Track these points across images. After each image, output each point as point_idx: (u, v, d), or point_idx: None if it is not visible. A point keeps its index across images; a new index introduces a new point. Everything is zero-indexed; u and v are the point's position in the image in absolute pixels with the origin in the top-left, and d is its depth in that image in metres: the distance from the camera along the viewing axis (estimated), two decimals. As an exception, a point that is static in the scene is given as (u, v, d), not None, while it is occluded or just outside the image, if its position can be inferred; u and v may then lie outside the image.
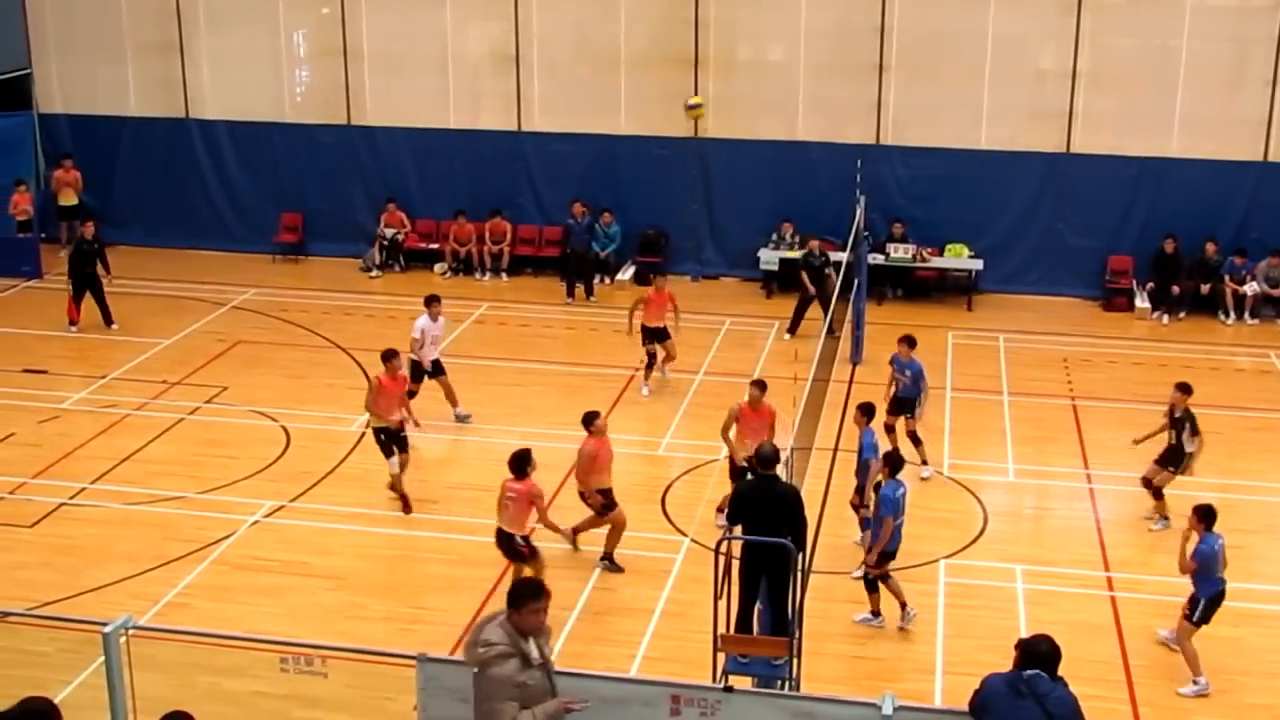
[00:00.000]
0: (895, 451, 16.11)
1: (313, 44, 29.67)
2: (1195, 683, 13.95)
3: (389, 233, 28.29)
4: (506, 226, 28.24)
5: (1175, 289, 25.86)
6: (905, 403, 18.79)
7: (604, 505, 16.09)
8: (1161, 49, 26.28)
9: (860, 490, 16.46)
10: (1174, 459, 17.40)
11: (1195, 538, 14.11)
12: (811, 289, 24.31)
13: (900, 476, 15.08)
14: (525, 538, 15.10)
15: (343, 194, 29.03)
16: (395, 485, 17.69)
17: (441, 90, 28.65)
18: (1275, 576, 16.46)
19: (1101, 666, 14.22)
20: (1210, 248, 25.87)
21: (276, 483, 18.39)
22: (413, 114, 28.71)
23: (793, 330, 24.38)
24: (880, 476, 15.25)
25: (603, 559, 16.24)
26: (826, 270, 24.42)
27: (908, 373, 18.77)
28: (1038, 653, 9.17)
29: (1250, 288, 25.85)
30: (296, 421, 20.36)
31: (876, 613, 15.11)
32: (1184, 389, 17.65)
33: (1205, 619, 13.98)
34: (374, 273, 28.23)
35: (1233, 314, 25.87)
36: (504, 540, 15.14)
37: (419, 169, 28.91)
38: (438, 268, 28.45)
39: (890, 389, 19.01)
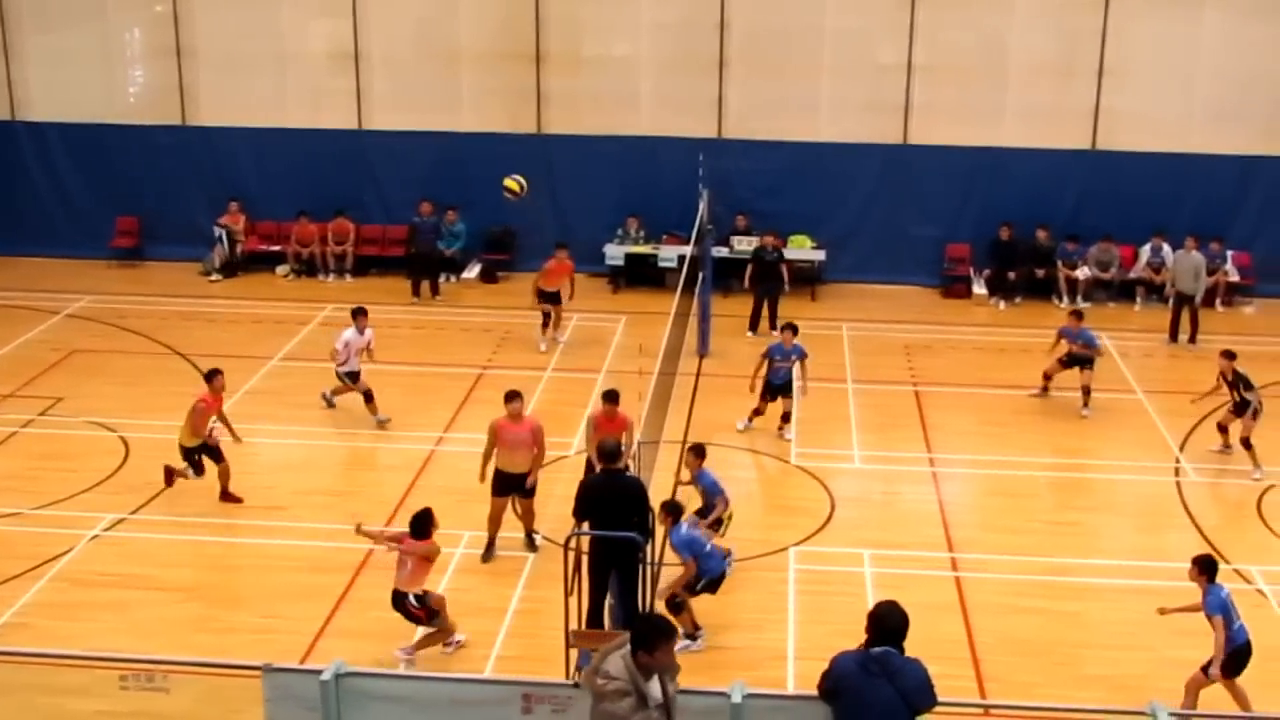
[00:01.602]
0: (672, 501, 15.11)
1: (146, 42, 29.05)
2: None
3: (220, 233, 27.74)
4: (350, 226, 27.95)
5: (1011, 275, 26.51)
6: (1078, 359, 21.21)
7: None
8: (993, 42, 26.91)
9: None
10: (1245, 407, 18.99)
11: (1199, 592, 13.36)
12: (750, 284, 24.88)
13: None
14: (419, 597, 14.24)
15: (181, 196, 28.45)
16: (178, 473, 17.57)
17: (280, 88, 28.25)
18: (1112, 552, 16.99)
19: (949, 645, 14.51)
20: (1043, 234, 26.57)
21: (117, 495, 17.94)
22: (251, 113, 28.24)
23: (753, 328, 24.66)
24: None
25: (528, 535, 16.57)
26: (779, 265, 24.84)
27: (1079, 340, 21.22)
28: (888, 628, 9.10)
29: (1082, 272, 26.60)
30: (137, 431, 19.89)
31: (691, 635, 14.54)
32: (1229, 355, 19.28)
33: (1229, 673, 13.19)
34: (214, 276, 27.73)
35: (1066, 298, 26.58)
36: (397, 600, 14.38)
37: (259, 169, 28.47)
38: (280, 270, 28.05)
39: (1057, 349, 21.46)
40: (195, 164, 28.46)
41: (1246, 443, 18.76)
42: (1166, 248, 26.05)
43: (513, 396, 16.37)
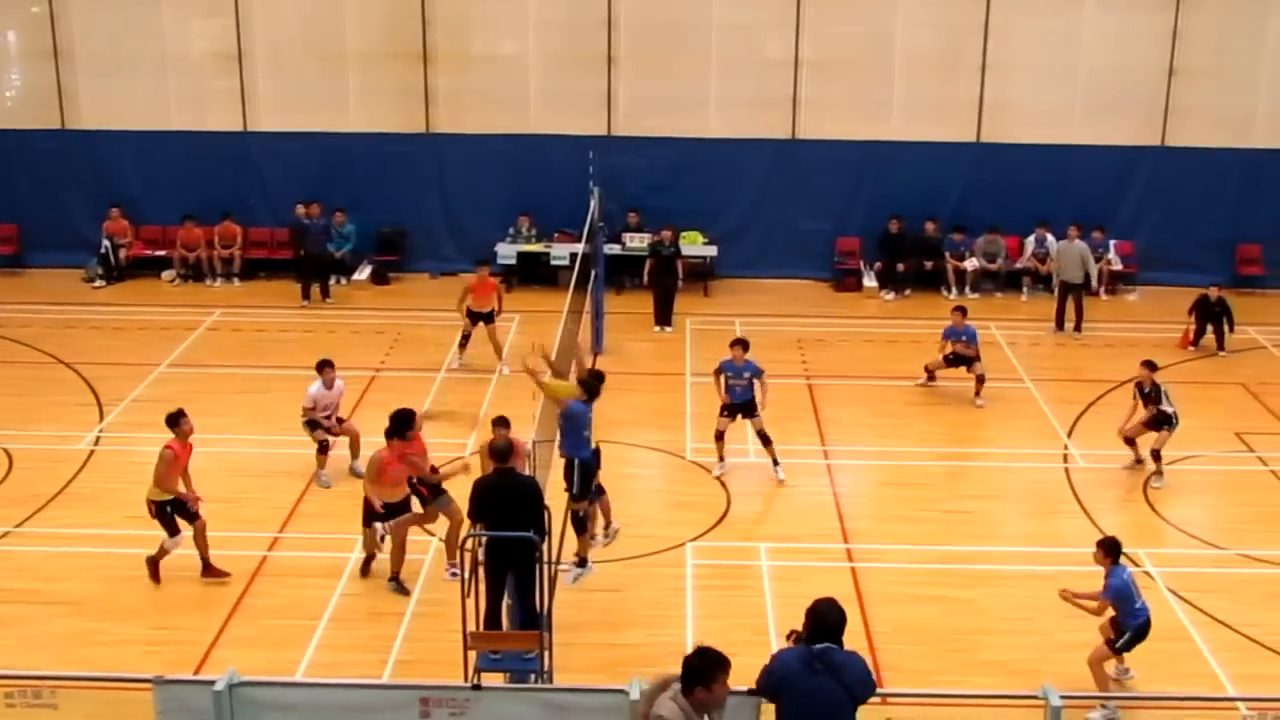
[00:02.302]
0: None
1: (22, 45, 28.48)
2: (1104, 707, 13.38)
3: (108, 244, 27.27)
4: (237, 230, 27.57)
5: (900, 267, 26.80)
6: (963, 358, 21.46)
7: (383, 514, 15.60)
8: (879, 36, 27.20)
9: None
10: (1163, 421, 18.41)
11: (1102, 573, 13.62)
12: (649, 279, 25.02)
13: None
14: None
15: (61, 202, 27.87)
16: (158, 556, 15.73)
17: (162, 91, 27.79)
18: (1004, 539, 17.24)
19: (846, 635, 14.54)
20: (931, 226, 26.90)
21: (1, 508, 17.55)
22: (133, 116, 27.74)
23: (660, 322, 24.82)
24: None
25: (392, 578, 15.58)
26: (675, 260, 24.95)
27: (963, 338, 21.34)
28: (827, 624, 9.17)
29: (970, 263, 26.98)
30: (20, 442, 19.45)
31: (584, 560, 15.54)
32: (1150, 366, 18.67)
33: (1128, 647, 13.56)
34: (98, 283, 27.21)
35: (955, 289, 26.93)
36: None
37: (142, 173, 27.98)
38: (166, 275, 27.61)
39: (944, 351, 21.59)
40: (76, 169, 27.90)
41: (1157, 455, 18.40)
42: (1051, 238, 26.49)
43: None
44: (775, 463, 18.59)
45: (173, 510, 15.57)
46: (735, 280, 27.53)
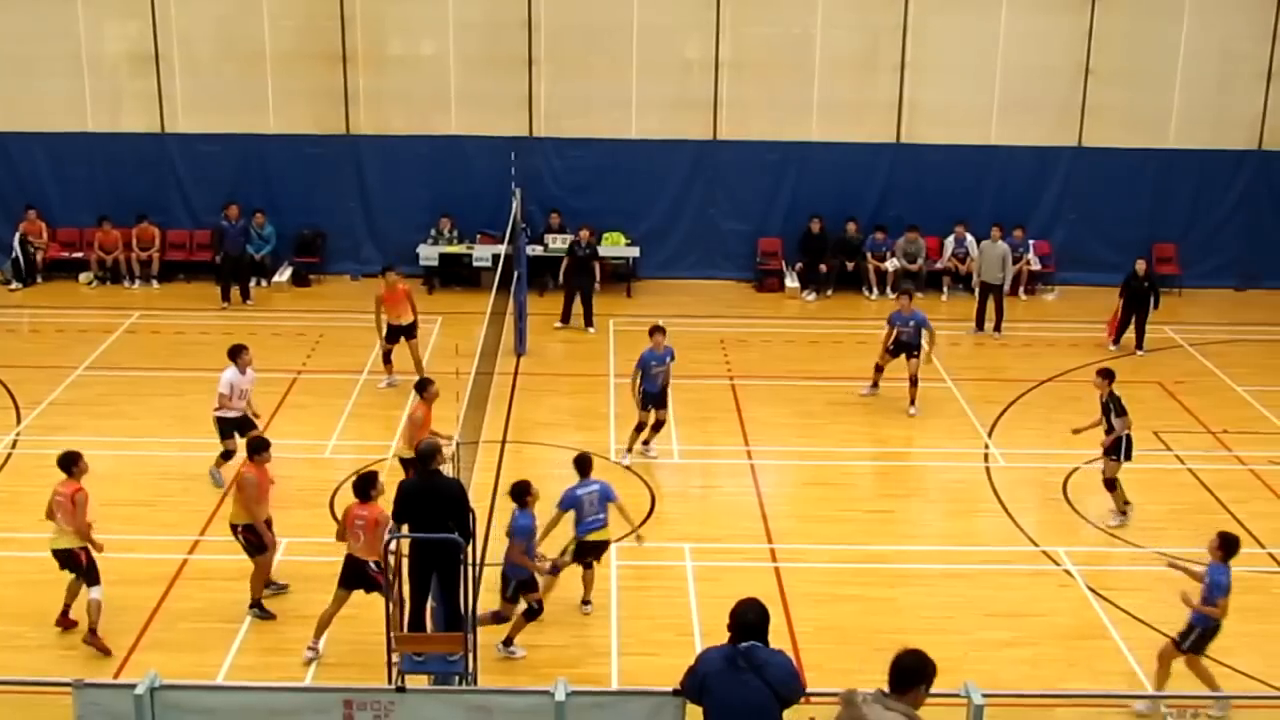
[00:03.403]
0: (583, 455, 15.55)
1: (-68, 45, 27.98)
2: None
3: (16, 241, 26.85)
4: (155, 231, 27.26)
5: (822, 267, 26.96)
6: (908, 346, 20.97)
7: (260, 544, 15.07)
8: (798, 37, 27.35)
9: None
10: (1115, 448, 17.27)
11: (1206, 566, 13.41)
12: (564, 278, 25.03)
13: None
14: (378, 563, 13.67)
15: (-26, 205, 27.47)
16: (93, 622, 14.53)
17: (77, 92, 27.42)
18: (924, 538, 17.40)
19: (771, 636, 14.66)
20: (851, 226, 27.10)
21: (-84, 512, 17.29)
22: (47, 118, 27.37)
23: (565, 320, 24.84)
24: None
25: (253, 605, 15.05)
26: (592, 261, 24.96)
27: (911, 323, 20.83)
28: (746, 623, 9.14)
29: (891, 263, 27.20)
30: (-65, 446, 19.19)
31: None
32: (1105, 375, 17.53)
33: (1197, 649, 13.38)
34: (14, 286, 26.81)
35: (876, 289, 27.14)
36: (355, 568, 14.05)
37: (57, 176, 27.61)
38: (83, 277, 27.25)
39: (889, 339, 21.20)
40: (-10, 170, 27.50)
41: (1110, 483, 17.47)
42: (970, 238, 26.76)
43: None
44: (656, 430, 19.26)
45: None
46: (657, 281, 27.60)
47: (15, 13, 27.07)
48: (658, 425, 19.31)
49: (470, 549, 11.96)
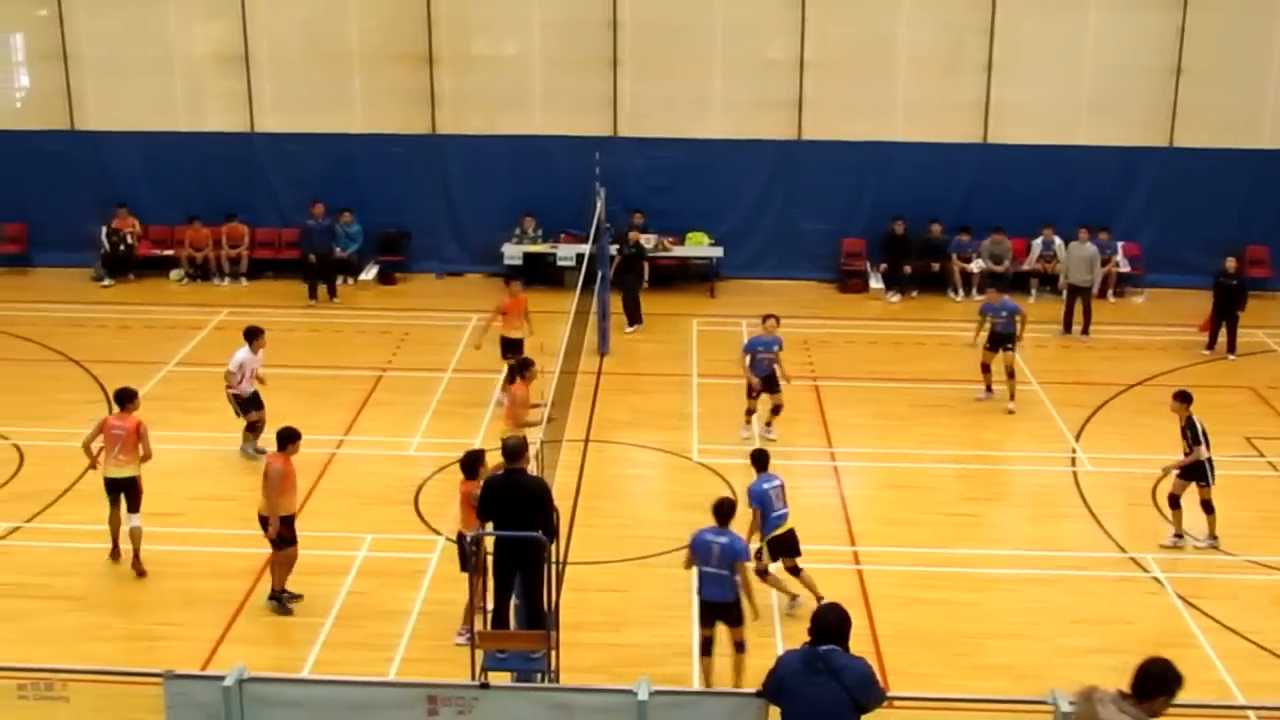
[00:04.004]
0: (759, 450, 15.64)
1: (30, 47, 28.54)
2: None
3: (114, 239, 27.31)
4: (244, 229, 27.64)
5: (906, 269, 26.78)
6: (1003, 338, 20.89)
7: (285, 537, 15.22)
8: (883, 37, 27.19)
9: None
10: (1197, 472, 16.57)
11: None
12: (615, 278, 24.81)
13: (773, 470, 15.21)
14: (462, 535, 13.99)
15: (69, 202, 27.92)
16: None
17: (168, 92, 27.86)
18: (1008, 542, 17.20)
19: (852, 638, 14.59)
20: (936, 228, 26.89)
21: (9, 503, 17.60)
22: (139, 118, 27.83)
23: (634, 321, 24.80)
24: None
25: (272, 597, 15.17)
26: (640, 260, 25.00)
27: (1004, 312, 20.71)
28: (827, 626, 9.17)
29: (976, 265, 26.96)
30: (29, 439, 19.52)
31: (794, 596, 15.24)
32: (1182, 398, 16.78)
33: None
34: (106, 282, 27.28)
35: (960, 291, 26.92)
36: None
37: (149, 174, 28.06)
38: (173, 274, 27.67)
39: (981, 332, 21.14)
40: (82, 169, 27.99)
41: (1174, 500, 16.75)
42: (1058, 240, 26.45)
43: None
44: (775, 413, 19.70)
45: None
46: (740, 281, 27.54)
47: (108, 15, 27.56)
48: (776, 409, 19.64)
49: (554, 548, 12.00)
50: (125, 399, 16.32)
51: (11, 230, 28.21)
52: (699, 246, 27.33)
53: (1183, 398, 16.78)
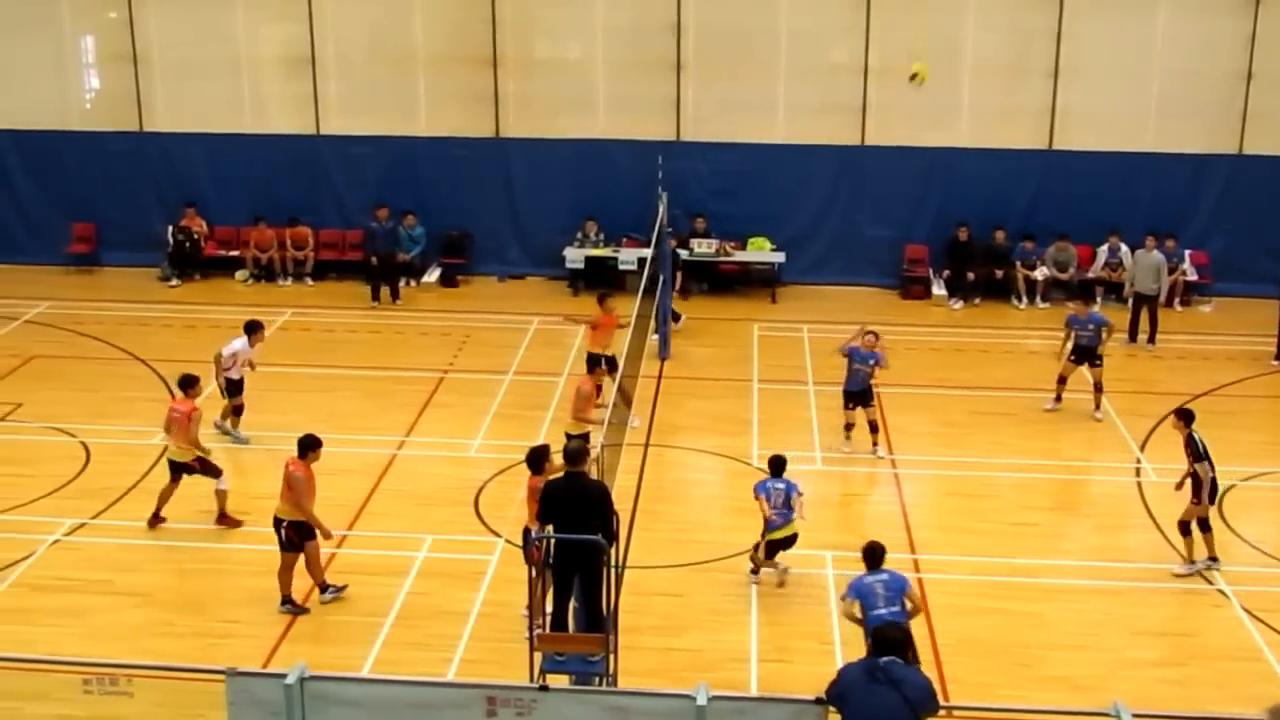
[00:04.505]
0: (777, 456, 16.07)
1: (100, 49, 28.89)
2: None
3: (181, 239, 27.61)
4: (308, 231, 27.86)
5: (969, 275, 26.61)
6: (1088, 351, 20.66)
7: (299, 542, 15.23)
8: (947, 42, 27.01)
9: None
10: (1194, 489, 16.15)
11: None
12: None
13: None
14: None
15: (137, 202, 28.28)
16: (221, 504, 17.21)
17: (235, 94, 28.13)
18: (1072, 552, 17.05)
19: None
20: (1000, 234, 26.71)
21: (76, 500, 17.84)
22: (206, 119, 28.12)
23: (675, 319, 24.58)
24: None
25: (284, 601, 15.36)
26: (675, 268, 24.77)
27: (1090, 326, 20.51)
28: (888, 639, 9.53)
29: (1040, 272, 26.74)
30: (96, 437, 19.78)
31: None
32: (1182, 416, 16.40)
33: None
34: (173, 282, 27.57)
35: (1024, 298, 26.72)
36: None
37: (215, 175, 28.34)
38: (239, 275, 27.93)
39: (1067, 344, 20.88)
40: (151, 170, 28.32)
41: (1184, 527, 16.29)
42: (1124, 247, 26.17)
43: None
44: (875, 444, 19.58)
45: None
46: (801, 286, 27.45)
47: (177, 18, 27.85)
48: (873, 426, 19.52)
49: (613, 551, 12.01)
50: (185, 384, 17.32)
51: (81, 230, 28.56)
52: (761, 252, 27.30)
53: (1183, 415, 16.39)
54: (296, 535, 15.14)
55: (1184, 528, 16.24)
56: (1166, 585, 16.05)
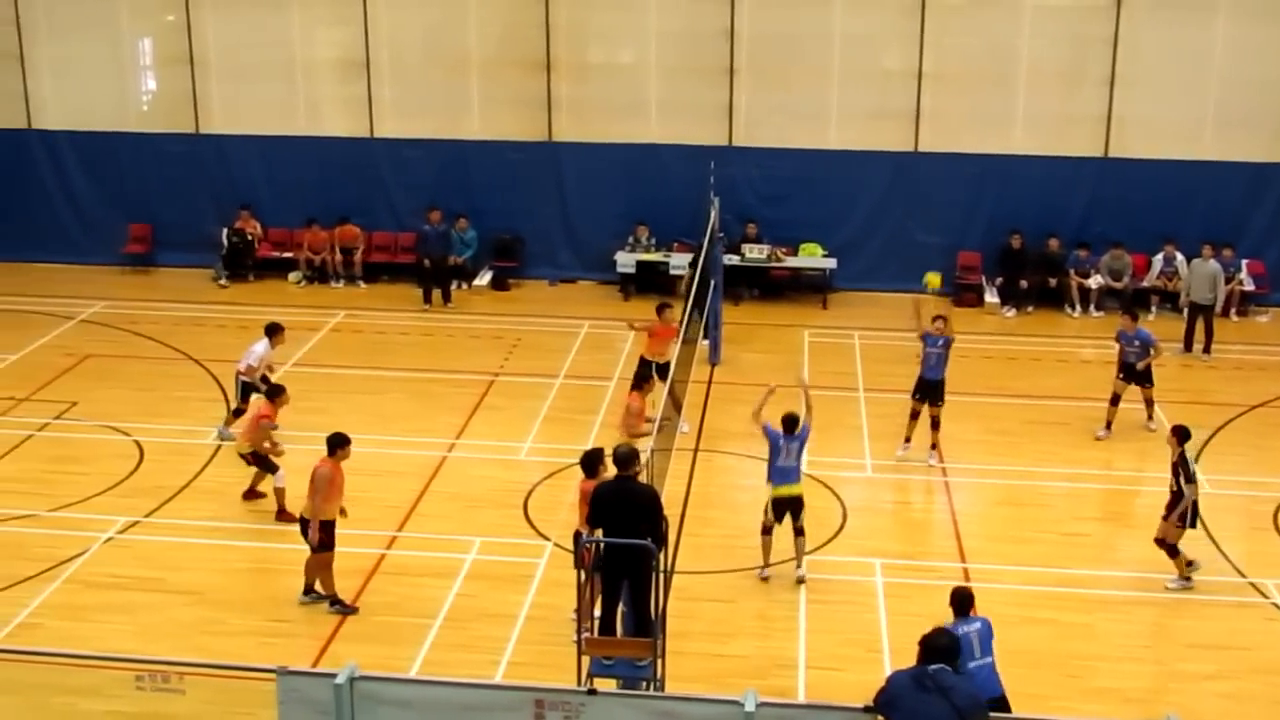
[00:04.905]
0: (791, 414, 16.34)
1: (158, 52, 29.20)
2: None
3: (235, 240, 27.83)
4: (357, 232, 27.99)
5: (1023, 283, 26.44)
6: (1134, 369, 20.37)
7: (324, 541, 15.23)
8: (1003, 48, 26.86)
9: None
10: (1179, 512, 15.86)
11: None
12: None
13: None
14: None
15: (192, 203, 28.49)
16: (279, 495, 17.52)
17: (290, 97, 28.32)
18: (1122, 563, 16.88)
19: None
20: (1054, 242, 26.52)
21: (130, 498, 18.02)
22: (262, 121, 28.32)
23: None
24: None
25: (333, 602, 15.35)
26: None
27: (1136, 342, 20.16)
28: (938, 647, 9.48)
29: (1094, 281, 26.53)
30: (150, 435, 19.96)
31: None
32: (1177, 433, 16.08)
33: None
34: (223, 282, 27.78)
35: (1078, 307, 26.52)
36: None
37: (269, 177, 28.52)
38: (292, 276, 28.10)
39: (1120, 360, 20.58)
40: (206, 172, 28.54)
41: (1164, 544, 16.05)
42: (1180, 256, 25.93)
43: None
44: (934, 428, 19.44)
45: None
46: (853, 293, 27.34)
47: (234, 21, 28.07)
48: (934, 423, 19.28)
49: (662, 556, 12.00)
50: (271, 394, 17.93)
51: (136, 230, 28.82)
52: (812, 258, 27.21)
53: (1179, 433, 16.06)
54: (326, 534, 15.17)
55: (1168, 549, 16.00)
56: (1219, 598, 15.90)
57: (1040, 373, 23.24)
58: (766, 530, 16.09)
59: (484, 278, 27.94)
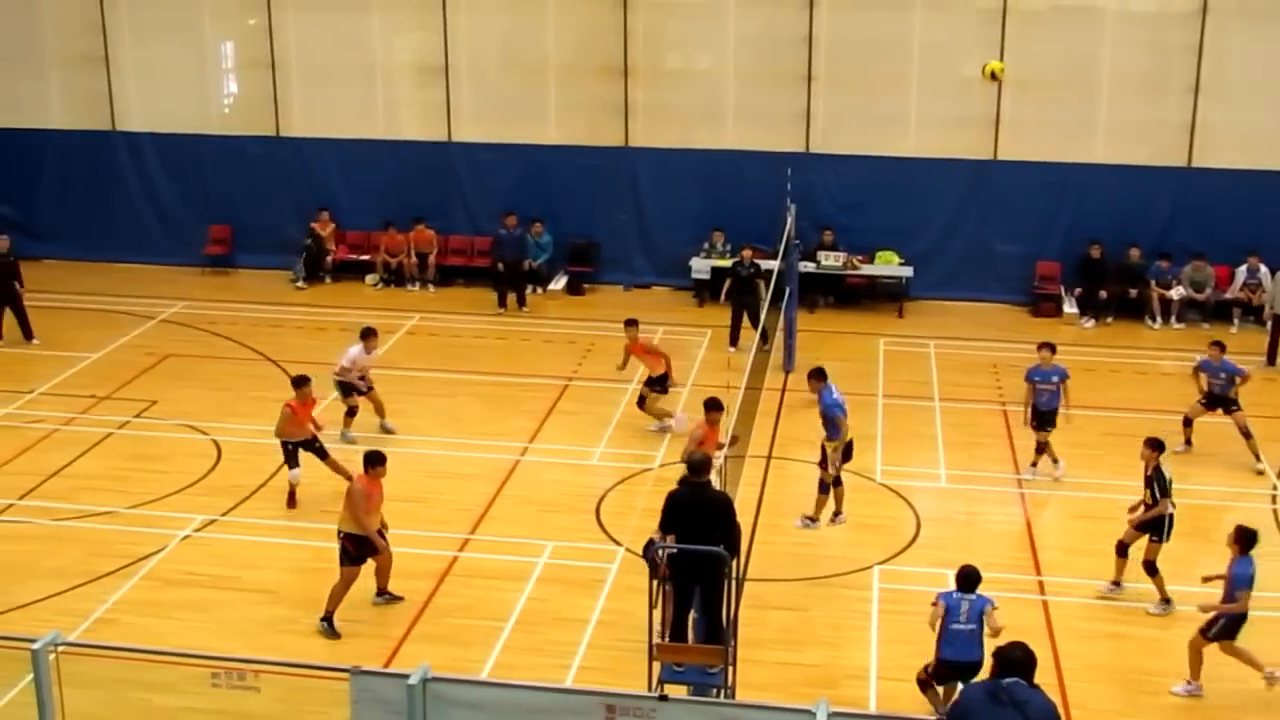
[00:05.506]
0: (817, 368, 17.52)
1: (240, 55, 29.53)
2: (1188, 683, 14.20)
3: (309, 241, 28.09)
4: (430, 234, 28.14)
5: (1102, 294, 26.14)
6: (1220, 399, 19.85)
7: (356, 555, 15.11)
8: (1085, 56, 26.55)
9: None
10: (1154, 526, 15.77)
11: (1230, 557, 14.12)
12: (727, 298, 24.48)
13: None
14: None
15: (271, 206, 28.80)
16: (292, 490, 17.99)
17: (369, 101, 28.54)
18: (1198, 579, 16.57)
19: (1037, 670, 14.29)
20: (1134, 252, 26.19)
21: (207, 497, 18.22)
22: (341, 125, 28.58)
23: (733, 342, 24.17)
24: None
25: (325, 620, 15.09)
26: (755, 280, 24.39)
27: (1221, 375, 19.74)
28: (1013, 659, 9.35)
29: (1176, 292, 26.17)
30: (227, 435, 20.18)
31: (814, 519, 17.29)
32: (1152, 445, 15.98)
33: (1219, 636, 14.05)
34: (299, 284, 28.02)
35: (1159, 318, 26.18)
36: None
37: (347, 180, 28.77)
38: (369, 279, 28.31)
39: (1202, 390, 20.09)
40: (286, 174, 28.84)
41: (1150, 567, 15.80)
42: (1264, 268, 25.51)
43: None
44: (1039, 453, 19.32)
45: (293, 447, 17.89)
46: (929, 301, 27.15)
47: (314, 25, 28.35)
48: (1039, 447, 19.21)
49: (734, 563, 11.97)
50: (300, 383, 18.21)
51: (217, 232, 29.16)
52: (888, 265, 27.07)
53: (1153, 444, 15.89)
54: (354, 547, 15.05)
55: (1149, 567, 15.73)
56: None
57: (1119, 384, 22.95)
58: (837, 482, 17.05)
59: (559, 282, 28.00)
